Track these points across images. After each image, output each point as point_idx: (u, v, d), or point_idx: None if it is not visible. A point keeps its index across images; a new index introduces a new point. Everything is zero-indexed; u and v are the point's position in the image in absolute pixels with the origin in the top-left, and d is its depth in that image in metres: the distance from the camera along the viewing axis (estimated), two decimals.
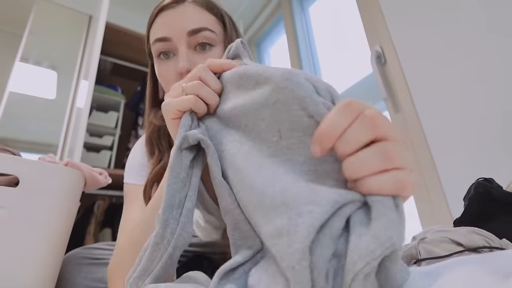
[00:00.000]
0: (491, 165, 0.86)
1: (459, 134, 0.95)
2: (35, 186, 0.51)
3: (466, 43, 0.97)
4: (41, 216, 0.51)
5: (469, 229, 0.41)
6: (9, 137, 1.63)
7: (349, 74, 1.51)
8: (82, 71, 1.81)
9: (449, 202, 0.95)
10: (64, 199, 0.54)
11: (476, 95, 0.92)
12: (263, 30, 2.25)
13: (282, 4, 2.02)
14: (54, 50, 1.87)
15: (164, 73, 0.52)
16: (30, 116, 1.72)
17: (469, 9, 0.97)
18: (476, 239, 0.38)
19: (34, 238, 0.50)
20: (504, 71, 0.87)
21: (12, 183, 0.51)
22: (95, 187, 0.63)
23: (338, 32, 1.69)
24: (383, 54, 1.24)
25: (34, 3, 1.82)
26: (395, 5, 1.22)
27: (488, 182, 0.58)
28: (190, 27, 0.49)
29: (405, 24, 1.17)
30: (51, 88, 1.81)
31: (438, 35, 1.05)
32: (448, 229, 0.45)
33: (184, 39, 0.49)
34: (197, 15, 0.51)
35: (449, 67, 1.00)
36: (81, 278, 0.54)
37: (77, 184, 0.57)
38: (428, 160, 1.02)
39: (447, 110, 0.99)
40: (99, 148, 1.76)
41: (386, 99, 1.18)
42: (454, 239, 0.39)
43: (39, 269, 0.50)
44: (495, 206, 0.55)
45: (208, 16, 0.52)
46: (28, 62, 1.73)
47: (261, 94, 0.30)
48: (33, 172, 0.51)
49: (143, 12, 2.18)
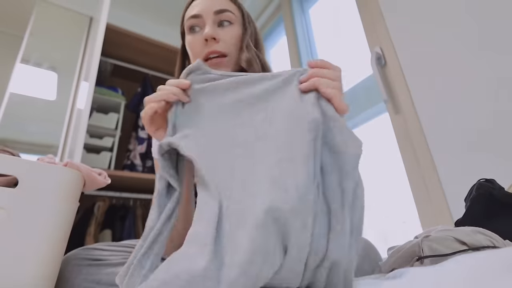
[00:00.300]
0: (492, 166, 0.86)
1: (459, 135, 0.95)
2: (34, 187, 0.50)
3: (466, 43, 0.96)
4: (40, 216, 0.50)
5: (474, 229, 0.40)
6: (9, 138, 1.63)
7: (349, 76, 1.51)
8: (82, 73, 1.81)
9: (450, 203, 0.95)
10: (63, 200, 0.54)
11: (476, 96, 0.92)
12: (263, 32, 2.25)
13: (283, 5, 2.02)
14: (55, 51, 1.88)
15: (193, 43, 0.65)
16: (30, 118, 1.72)
17: (469, 9, 0.97)
18: (480, 239, 0.38)
19: (33, 239, 0.49)
20: (504, 70, 0.86)
21: (11, 183, 0.50)
22: (94, 188, 0.63)
23: (338, 34, 1.69)
24: (383, 56, 1.24)
25: (35, 5, 1.82)
26: (395, 7, 1.22)
27: (489, 183, 0.57)
28: (216, 8, 0.64)
29: (405, 25, 1.17)
30: (51, 90, 1.81)
31: (438, 36, 1.05)
32: (452, 228, 0.45)
33: (211, 17, 0.64)
34: (222, 1, 0.66)
35: (449, 68, 1.00)
36: (81, 280, 0.55)
37: (76, 185, 0.57)
38: (428, 160, 1.02)
39: (447, 111, 0.99)
40: (99, 150, 1.75)
41: (386, 100, 1.18)
42: (458, 238, 0.39)
43: (38, 270, 0.49)
44: (497, 207, 0.55)
45: (230, 3, 0.67)
46: (29, 64, 1.73)
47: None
48: (32, 173, 0.51)
49: (143, 13, 2.19)
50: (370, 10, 1.34)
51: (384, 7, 1.26)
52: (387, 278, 0.33)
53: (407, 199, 1.08)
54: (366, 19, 1.37)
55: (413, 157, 1.08)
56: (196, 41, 0.64)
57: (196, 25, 0.65)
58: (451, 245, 0.39)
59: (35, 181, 0.50)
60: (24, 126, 1.69)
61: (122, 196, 1.81)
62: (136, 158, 1.87)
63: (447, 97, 1.00)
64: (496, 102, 0.88)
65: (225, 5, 0.65)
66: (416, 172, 1.07)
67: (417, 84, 1.10)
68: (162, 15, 2.22)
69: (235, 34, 0.65)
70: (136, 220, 1.74)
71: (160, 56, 2.11)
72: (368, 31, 1.36)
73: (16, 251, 0.48)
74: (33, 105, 1.75)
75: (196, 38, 0.64)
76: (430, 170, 1.01)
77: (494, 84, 0.88)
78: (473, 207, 0.57)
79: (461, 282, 0.20)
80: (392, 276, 0.32)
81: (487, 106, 0.89)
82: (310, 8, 1.91)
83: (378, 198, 1.29)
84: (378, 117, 1.33)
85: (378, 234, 1.23)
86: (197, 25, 0.65)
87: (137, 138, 1.93)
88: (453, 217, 0.92)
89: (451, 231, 0.42)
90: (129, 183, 1.75)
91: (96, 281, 0.54)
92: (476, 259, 0.22)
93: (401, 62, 1.17)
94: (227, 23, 0.65)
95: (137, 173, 1.79)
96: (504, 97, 0.86)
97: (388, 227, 1.25)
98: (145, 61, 2.14)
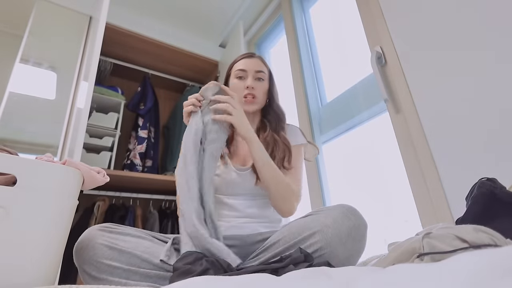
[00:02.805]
0: (492, 165, 0.86)
1: (459, 134, 0.95)
2: (33, 185, 0.50)
3: (466, 43, 0.96)
4: (39, 215, 0.50)
5: (476, 227, 0.40)
6: (8, 138, 1.62)
7: (349, 75, 1.51)
8: (82, 72, 1.80)
9: (450, 202, 0.94)
10: (62, 198, 0.53)
11: (476, 95, 0.92)
12: (263, 31, 2.25)
13: (283, 5, 2.02)
14: (54, 50, 1.87)
15: (238, 86, 0.98)
16: (30, 117, 1.71)
17: (469, 10, 0.97)
18: (482, 237, 0.38)
19: (32, 237, 0.49)
20: (504, 70, 0.86)
21: (9, 182, 0.50)
22: (94, 186, 0.63)
23: (339, 33, 1.69)
24: (383, 55, 1.24)
25: (34, 4, 1.82)
26: (395, 6, 1.22)
27: (491, 182, 0.57)
28: (257, 68, 1.00)
29: (405, 25, 1.17)
30: (51, 89, 1.80)
31: (438, 35, 1.04)
32: (454, 226, 0.45)
33: (252, 73, 0.98)
34: (260, 64, 1.02)
35: (450, 67, 1.00)
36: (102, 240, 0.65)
37: (75, 183, 0.57)
38: (428, 160, 1.02)
39: (447, 111, 0.99)
40: (99, 149, 1.75)
41: (386, 100, 1.18)
42: (459, 236, 0.39)
43: (37, 268, 0.49)
44: (499, 206, 0.54)
45: (264, 66, 1.03)
46: (28, 63, 1.72)
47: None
48: (31, 171, 0.50)
49: (143, 13, 2.19)
50: (370, 9, 1.34)
51: (384, 6, 1.26)
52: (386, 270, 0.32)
53: (409, 198, 1.08)
54: (366, 18, 1.37)
55: (413, 156, 1.08)
56: (241, 86, 0.97)
57: (242, 76, 0.99)
58: (452, 242, 0.39)
59: (33, 180, 0.50)
60: (24, 126, 1.68)
61: (122, 195, 1.81)
62: (136, 157, 1.86)
63: (448, 96, 0.99)
64: (497, 101, 0.87)
65: (262, 67, 1.01)
66: (416, 171, 1.07)
67: (418, 83, 1.10)
68: (162, 14, 2.22)
69: (265, 87, 1.00)
70: (136, 220, 1.74)
71: (160, 56, 2.11)
72: (368, 30, 1.35)
73: (15, 250, 0.47)
74: (32, 104, 1.74)
75: (241, 84, 0.98)
76: (431, 169, 1.01)
77: (495, 83, 0.88)
78: (474, 206, 0.57)
79: (460, 279, 0.20)
80: (392, 270, 0.31)
81: (487, 105, 0.89)
82: (311, 8, 1.91)
83: (379, 197, 1.29)
84: (378, 117, 1.33)
85: (379, 233, 1.23)
86: (242, 76, 0.99)
87: (137, 137, 1.93)
88: (453, 216, 0.92)
89: (453, 228, 0.42)
90: (128, 182, 1.75)
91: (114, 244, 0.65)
92: (477, 257, 0.22)
93: (401, 61, 1.16)
94: (261, 79, 0.99)
95: (137, 172, 1.79)
96: (505, 96, 0.85)
97: (390, 226, 1.25)
98: (145, 60, 2.13)
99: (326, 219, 0.64)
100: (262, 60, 1.05)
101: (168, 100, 2.37)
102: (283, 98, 1.10)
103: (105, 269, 0.63)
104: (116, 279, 0.62)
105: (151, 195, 1.93)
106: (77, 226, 1.52)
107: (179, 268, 0.57)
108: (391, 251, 0.51)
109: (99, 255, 0.63)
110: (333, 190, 1.48)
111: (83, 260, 0.64)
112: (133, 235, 0.70)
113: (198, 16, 2.26)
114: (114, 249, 0.65)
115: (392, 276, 0.24)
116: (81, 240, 0.67)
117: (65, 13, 1.93)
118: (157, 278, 0.64)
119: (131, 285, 0.61)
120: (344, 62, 1.62)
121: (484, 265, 0.20)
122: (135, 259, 0.65)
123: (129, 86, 2.16)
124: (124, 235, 0.69)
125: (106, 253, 0.64)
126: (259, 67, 1.00)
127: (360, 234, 0.64)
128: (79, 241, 0.67)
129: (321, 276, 0.36)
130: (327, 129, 1.56)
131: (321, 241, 0.62)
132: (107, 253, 0.64)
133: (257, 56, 1.04)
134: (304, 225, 0.67)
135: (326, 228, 0.63)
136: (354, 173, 1.43)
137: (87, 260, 0.64)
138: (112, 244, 0.65)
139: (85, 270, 0.64)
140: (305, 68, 1.76)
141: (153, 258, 0.65)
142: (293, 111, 1.73)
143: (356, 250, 0.65)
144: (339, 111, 1.50)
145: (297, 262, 0.57)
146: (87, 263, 0.64)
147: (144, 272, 0.64)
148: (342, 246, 0.62)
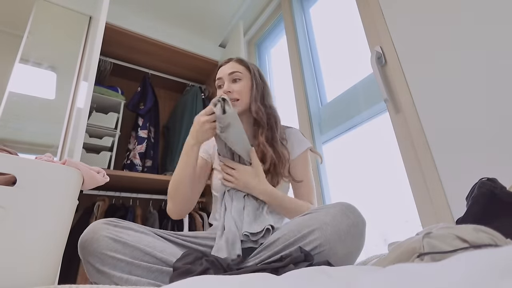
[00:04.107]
0: (492, 165, 0.86)
1: (460, 134, 0.95)
2: (33, 185, 0.50)
3: (466, 43, 0.96)
4: (39, 215, 0.50)
5: (476, 227, 0.40)
6: (8, 138, 1.62)
7: (349, 75, 1.51)
8: (82, 72, 1.80)
9: (450, 202, 0.94)
10: (62, 197, 0.53)
11: (477, 95, 0.92)
12: (263, 31, 2.25)
13: (283, 5, 2.02)
14: (54, 50, 1.87)
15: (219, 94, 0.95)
16: (29, 117, 1.71)
17: (469, 10, 0.97)
18: (482, 237, 0.37)
19: (32, 237, 0.49)
20: (505, 69, 0.86)
21: (9, 182, 0.50)
22: (93, 186, 0.63)
23: (339, 33, 1.69)
24: (383, 55, 1.24)
25: (34, 4, 1.82)
26: (395, 6, 1.22)
27: (491, 182, 0.57)
28: (230, 71, 1.00)
29: (405, 24, 1.17)
30: (50, 89, 1.80)
31: (438, 35, 1.04)
32: (454, 226, 0.45)
33: (226, 77, 0.99)
34: (235, 65, 1.02)
35: (450, 67, 1.00)
36: (107, 233, 0.66)
37: (75, 182, 0.57)
38: (428, 160, 1.02)
39: (447, 111, 0.99)
40: (99, 149, 1.75)
41: (386, 100, 1.18)
42: (459, 236, 0.38)
43: (37, 267, 0.49)
44: (499, 206, 0.54)
45: (239, 66, 1.02)
46: (28, 63, 1.72)
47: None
48: (31, 171, 0.50)
49: (143, 13, 2.19)
50: (370, 9, 1.34)
51: (384, 6, 1.26)
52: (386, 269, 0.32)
53: (409, 198, 1.08)
54: (367, 18, 1.37)
55: (413, 156, 1.08)
56: (220, 93, 0.98)
57: (220, 84, 1.01)
58: (452, 242, 0.39)
59: (33, 179, 0.50)
60: (24, 126, 1.68)
61: (122, 195, 1.81)
62: (135, 157, 1.86)
63: (448, 96, 0.99)
64: (497, 101, 0.87)
65: (235, 67, 1.01)
66: (416, 171, 1.07)
67: (418, 83, 1.10)
68: (162, 14, 2.22)
69: (244, 86, 0.99)
70: (136, 220, 1.74)
71: (160, 55, 2.11)
72: (368, 30, 1.35)
73: (15, 249, 0.47)
74: (32, 104, 1.74)
75: (220, 92, 0.98)
76: (431, 169, 1.01)
77: (495, 83, 0.88)
78: (474, 206, 0.57)
79: (460, 279, 0.20)
80: (392, 270, 0.31)
81: (487, 105, 0.89)
82: (311, 8, 1.91)
83: (379, 197, 1.29)
84: (378, 117, 1.33)
85: (380, 233, 1.23)
86: (220, 85, 1.01)
87: (137, 137, 1.93)
88: (453, 216, 0.92)
89: (453, 228, 0.42)
90: (128, 182, 1.75)
91: (118, 237, 0.67)
92: (477, 257, 0.22)
93: (402, 61, 1.16)
94: (237, 79, 0.99)
95: (137, 172, 1.79)
96: (505, 96, 0.85)
97: (390, 226, 1.25)
98: (145, 60, 2.13)
99: (325, 217, 0.65)
100: (239, 61, 1.03)
101: (168, 100, 2.37)
102: (283, 98, 1.10)
103: (109, 261, 0.64)
104: (118, 274, 0.63)
105: (151, 195, 1.93)
106: (77, 226, 1.52)
107: (179, 267, 0.57)
108: (391, 251, 0.51)
109: (103, 247, 0.65)
110: (333, 190, 1.48)
111: (87, 252, 0.66)
112: (137, 230, 0.72)
113: (198, 16, 2.26)
114: (119, 241, 0.66)
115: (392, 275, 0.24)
116: (86, 233, 0.68)
117: (65, 13, 1.93)
118: (158, 273, 0.65)
119: (132, 279, 0.62)
120: (344, 62, 1.62)
121: (484, 265, 0.20)
122: (138, 252, 0.66)
123: (129, 86, 2.16)
124: (128, 229, 0.71)
125: (110, 245, 0.65)
126: (232, 69, 0.99)
127: (359, 231, 0.65)
128: (84, 234, 0.68)
129: (321, 276, 0.36)
130: (327, 129, 1.56)
131: (320, 238, 0.63)
132: (111, 245, 0.65)
133: (234, 60, 1.04)
134: (303, 223, 0.68)
135: (325, 226, 0.64)
136: (354, 173, 1.43)
137: (92, 252, 0.65)
138: (117, 237, 0.67)
139: (89, 261, 0.66)
140: (305, 68, 1.76)
141: (156, 252, 0.67)
142: (293, 111, 1.73)
143: (355, 247, 0.66)
144: (339, 111, 1.50)
145: (297, 262, 0.57)
146: (91, 255, 0.65)
147: (146, 266, 0.65)
148: (341, 243, 0.63)
